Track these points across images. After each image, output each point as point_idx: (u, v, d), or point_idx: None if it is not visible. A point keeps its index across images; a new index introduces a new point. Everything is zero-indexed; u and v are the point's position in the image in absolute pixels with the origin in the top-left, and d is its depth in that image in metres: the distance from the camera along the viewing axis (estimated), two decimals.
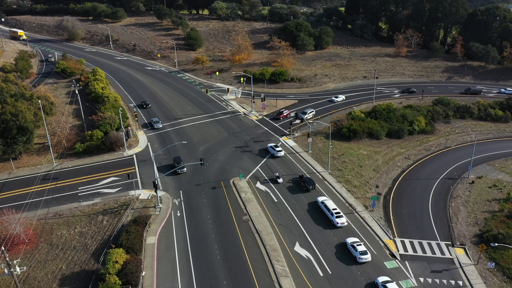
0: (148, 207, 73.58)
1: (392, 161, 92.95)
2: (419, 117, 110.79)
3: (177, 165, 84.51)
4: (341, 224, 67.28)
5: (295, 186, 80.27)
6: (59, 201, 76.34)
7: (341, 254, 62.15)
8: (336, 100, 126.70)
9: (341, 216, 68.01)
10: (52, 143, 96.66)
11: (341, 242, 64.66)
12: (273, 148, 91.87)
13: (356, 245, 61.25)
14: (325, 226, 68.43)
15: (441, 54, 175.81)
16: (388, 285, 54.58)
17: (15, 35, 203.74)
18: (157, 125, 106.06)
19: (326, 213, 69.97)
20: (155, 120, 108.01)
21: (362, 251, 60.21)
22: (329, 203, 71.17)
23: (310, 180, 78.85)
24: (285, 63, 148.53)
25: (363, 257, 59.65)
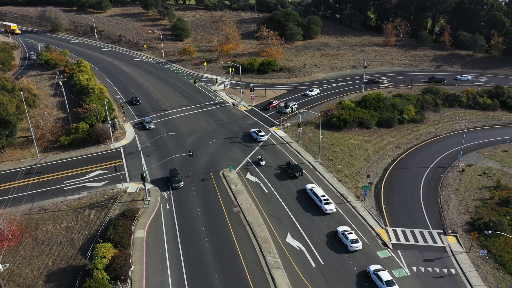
0: (136, 200, 71.99)
1: (383, 150, 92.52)
2: (408, 106, 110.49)
3: (173, 178, 75.38)
4: (329, 211, 67.37)
5: (283, 173, 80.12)
6: (44, 195, 74.29)
7: (332, 243, 61.60)
8: (311, 94, 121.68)
9: (330, 203, 68.21)
10: (36, 137, 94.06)
11: (332, 231, 64.11)
12: (256, 133, 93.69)
13: (347, 234, 61.03)
14: (314, 213, 68.46)
15: (429, 43, 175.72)
16: (380, 273, 54.27)
17: (8, 29, 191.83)
18: (149, 125, 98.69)
19: (315, 200, 70.09)
20: (147, 120, 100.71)
21: (353, 239, 60.01)
22: (317, 190, 71.32)
23: (297, 167, 79.05)
24: (274, 53, 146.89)
25: (354, 245, 59.56)
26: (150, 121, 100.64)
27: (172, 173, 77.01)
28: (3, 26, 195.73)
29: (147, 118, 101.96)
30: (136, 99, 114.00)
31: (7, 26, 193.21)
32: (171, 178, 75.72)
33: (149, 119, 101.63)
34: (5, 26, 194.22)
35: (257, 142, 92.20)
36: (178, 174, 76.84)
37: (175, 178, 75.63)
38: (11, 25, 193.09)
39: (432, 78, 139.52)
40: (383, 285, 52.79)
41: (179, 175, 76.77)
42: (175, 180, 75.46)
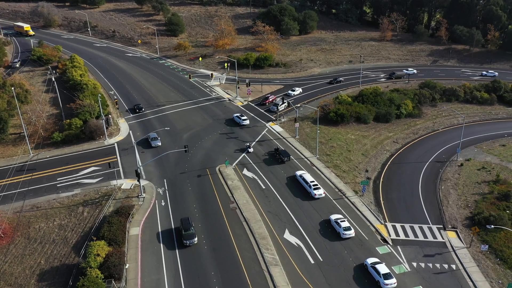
0: (131, 197, 70.62)
1: (381, 145, 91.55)
2: (406, 101, 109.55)
3: (184, 232, 58.62)
4: (318, 195, 69.35)
5: (271, 158, 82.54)
6: (36, 193, 72.78)
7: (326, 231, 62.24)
8: (293, 93, 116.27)
9: (319, 188, 70.15)
10: (29, 133, 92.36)
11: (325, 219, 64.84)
12: (239, 117, 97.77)
13: (339, 221, 61.85)
14: (303, 198, 70.08)
15: (425, 38, 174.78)
16: (377, 266, 53.75)
17: (21, 31, 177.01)
18: (155, 142, 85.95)
19: (304, 186, 71.94)
20: (153, 137, 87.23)
21: (345, 227, 60.85)
22: (307, 176, 73.13)
23: (285, 152, 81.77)
24: (270, 48, 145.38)
25: (346, 232, 60.41)
26: (156, 137, 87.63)
27: (184, 225, 59.65)
28: (16, 27, 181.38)
29: (153, 134, 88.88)
30: (139, 106, 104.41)
31: (20, 28, 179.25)
32: (182, 231, 58.98)
33: (155, 135, 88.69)
34: (19, 28, 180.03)
35: (240, 126, 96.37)
36: (191, 226, 59.44)
37: (186, 233, 58.55)
38: (24, 26, 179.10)
39: (392, 74, 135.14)
40: (381, 278, 52.20)
41: (192, 228, 59.23)
42: (187, 235, 58.39)
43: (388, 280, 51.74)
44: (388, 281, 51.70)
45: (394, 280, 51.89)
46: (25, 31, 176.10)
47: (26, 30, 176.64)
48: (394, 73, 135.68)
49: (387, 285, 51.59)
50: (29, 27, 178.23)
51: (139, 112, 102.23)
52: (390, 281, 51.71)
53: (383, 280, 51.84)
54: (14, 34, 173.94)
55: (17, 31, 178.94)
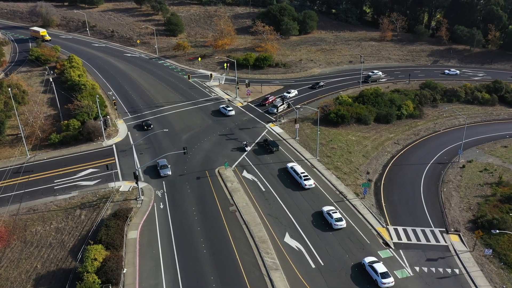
0: (129, 200, 69.66)
1: (382, 147, 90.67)
2: (407, 101, 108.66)
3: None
4: (309, 186, 71.64)
5: (261, 149, 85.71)
6: (33, 195, 71.81)
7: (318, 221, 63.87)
8: (288, 96, 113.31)
9: (309, 179, 72.42)
10: (26, 134, 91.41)
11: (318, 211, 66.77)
12: (225, 108, 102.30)
13: (331, 213, 63.46)
14: (294, 188, 72.60)
15: (426, 38, 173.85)
16: (375, 265, 53.55)
17: (37, 35, 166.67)
18: (165, 171, 75.55)
19: (295, 177, 74.24)
20: (163, 164, 76.72)
21: (337, 218, 62.43)
22: (297, 167, 75.63)
23: (273, 143, 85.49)
24: (269, 48, 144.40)
25: (338, 223, 61.92)
26: (166, 165, 76.70)
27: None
28: (32, 32, 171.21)
29: (162, 161, 77.36)
30: (148, 123, 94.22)
31: (36, 32, 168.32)
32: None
33: (165, 161, 77.59)
34: (34, 32, 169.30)
35: (226, 117, 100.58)
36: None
37: None
38: (40, 30, 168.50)
39: (368, 77, 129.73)
40: (378, 277, 52.03)
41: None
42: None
43: (385, 279, 51.78)
44: (386, 280, 51.67)
45: (391, 279, 51.92)
46: (41, 36, 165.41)
47: (42, 35, 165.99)
48: (369, 76, 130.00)
49: (385, 284, 51.62)
50: (45, 31, 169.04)
51: (148, 129, 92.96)
52: (387, 280, 51.74)
53: (381, 279, 51.82)
54: (30, 39, 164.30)
55: (33, 36, 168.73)
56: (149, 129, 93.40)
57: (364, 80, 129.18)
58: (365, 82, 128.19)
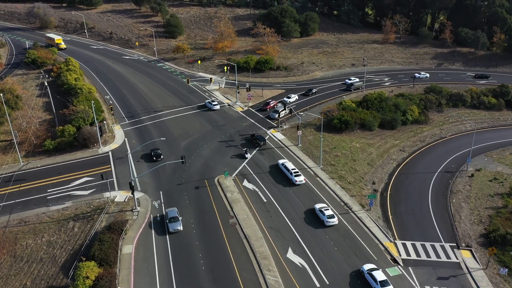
0: (124, 211, 66.73)
1: (387, 154, 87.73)
2: (412, 106, 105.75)
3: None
4: (299, 182, 72.86)
5: (248, 143, 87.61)
6: (25, 205, 68.89)
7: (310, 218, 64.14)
8: (288, 101, 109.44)
9: (299, 175, 73.76)
10: (20, 140, 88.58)
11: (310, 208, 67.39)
12: (210, 103, 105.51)
13: (324, 210, 64.07)
14: (285, 184, 73.62)
15: (429, 40, 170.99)
16: (374, 272, 52.10)
17: (51, 43, 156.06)
18: (175, 226, 61.01)
19: (286, 173, 75.45)
20: (172, 216, 62.16)
21: (329, 215, 63.14)
22: (288, 164, 76.69)
23: (260, 137, 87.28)
24: (271, 50, 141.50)
25: (330, 220, 62.67)
26: (177, 217, 62.30)
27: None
28: (47, 39, 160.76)
29: (172, 212, 63.12)
30: (157, 152, 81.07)
31: (51, 40, 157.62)
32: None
33: (175, 212, 63.07)
34: (49, 39, 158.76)
35: (212, 111, 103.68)
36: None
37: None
38: (56, 38, 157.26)
39: (350, 85, 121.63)
40: (377, 285, 50.44)
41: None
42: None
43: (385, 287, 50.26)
44: None
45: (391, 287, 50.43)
46: (56, 43, 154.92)
47: (58, 43, 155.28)
48: (352, 84, 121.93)
49: None
50: (60, 39, 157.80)
51: (157, 160, 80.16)
52: None
53: (380, 287, 50.11)
54: (45, 46, 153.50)
55: (48, 43, 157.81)
56: (158, 160, 79.98)
57: (346, 87, 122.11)
58: (347, 91, 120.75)
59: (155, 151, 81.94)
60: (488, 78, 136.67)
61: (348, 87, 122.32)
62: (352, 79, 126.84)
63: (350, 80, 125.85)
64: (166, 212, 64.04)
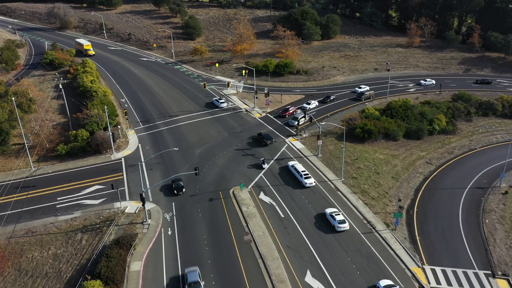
0: (134, 223, 63.66)
1: (413, 167, 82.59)
2: (439, 115, 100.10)
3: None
4: (309, 184, 71.85)
5: (255, 142, 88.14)
6: (33, 214, 66.55)
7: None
8: (308, 107, 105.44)
9: (309, 177, 72.69)
10: (33, 144, 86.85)
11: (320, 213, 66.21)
12: (217, 100, 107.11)
13: (334, 215, 62.48)
14: (294, 186, 72.79)
15: (457, 45, 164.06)
16: None
17: (80, 48, 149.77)
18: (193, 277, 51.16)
19: (296, 175, 74.51)
20: (193, 280, 50.67)
21: (340, 220, 61.54)
22: (298, 166, 75.95)
23: (267, 136, 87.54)
24: (290, 54, 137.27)
25: (341, 225, 61.16)
26: (199, 283, 50.58)
27: None
28: (77, 44, 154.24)
29: (193, 275, 51.26)
30: (179, 185, 70.44)
31: (80, 45, 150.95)
32: None
33: (196, 276, 51.38)
34: (78, 45, 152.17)
35: (219, 108, 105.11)
36: None
37: None
38: (84, 43, 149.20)
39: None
40: None
41: None
42: None
43: None
44: None
45: None
46: (84, 49, 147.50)
47: (86, 49, 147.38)
48: (362, 94, 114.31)
49: None
50: (89, 45, 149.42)
51: (178, 193, 70.18)
52: None
53: None
54: (76, 52, 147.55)
55: (77, 49, 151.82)
56: (179, 193, 70.05)
57: (356, 97, 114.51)
58: (357, 100, 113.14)
59: (177, 182, 71.08)
60: (490, 84, 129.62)
61: (358, 96, 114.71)
62: (363, 87, 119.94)
63: (360, 89, 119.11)
64: (186, 274, 51.64)
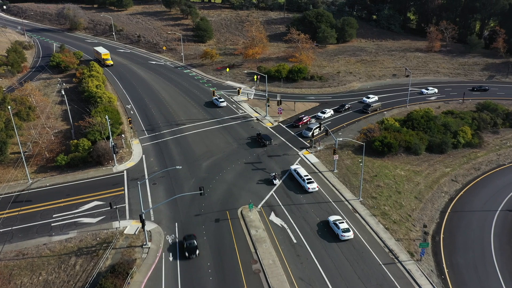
0: (133, 247, 58.45)
1: (437, 185, 76.01)
2: (464, 127, 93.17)
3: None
4: (312, 189, 70.12)
5: (253, 142, 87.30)
6: (26, 233, 61.80)
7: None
8: (323, 116, 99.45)
9: (312, 182, 70.88)
10: (33, 153, 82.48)
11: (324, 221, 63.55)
12: (217, 99, 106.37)
13: (338, 223, 60.35)
14: (296, 191, 70.52)
15: (479, 50, 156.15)
16: None
17: (99, 57, 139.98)
18: None
19: (298, 180, 72.68)
20: None
21: (344, 228, 59.46)
22: (301, 170, 73.86)
23: (266, 136, 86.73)
24: (304, 58, 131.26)
25: (345, 234, 58.97)
26: None
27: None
28: (95, 52, 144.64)
29: None
30: (192, 245, 56.84)
31: (98, 54, 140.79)
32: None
33: None
34: (97, 54, 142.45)
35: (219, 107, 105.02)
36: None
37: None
38: (102, 52, 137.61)
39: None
40: None
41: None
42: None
43: None
44: None
45: None
46: (102, 58, 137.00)
47: (104, 58, 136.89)
48: (369, 106, 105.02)
49: None
50: (107, 54, 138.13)
51: (191, 256, 55.99)
52: None
53: None
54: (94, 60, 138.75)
55: (96, 58, 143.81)
56: (192, 256, 56.00)
57: (362, 109, 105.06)
58: (363, 113, 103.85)
59: (190, 241, 57.26)
60: (487, 91, 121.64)
61: (364, 109, 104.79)
62: (371, 96, 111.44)
63: (369, 99, 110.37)
64: None
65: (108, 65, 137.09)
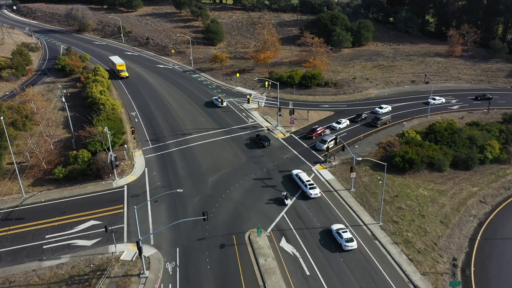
0: (129, 276, 53.11)
1: (464, 207, 69.34)
2: (491, 141, 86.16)
3: None
4: (314, 195, 67.65)
5: (252, 143, 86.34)
6: (16, 257, 56.96)
7: None
8: (338, 126, 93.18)
9: (314, 188, 68.57)
10: (31, 164, 77.93)
11: None
12: (217, 99, 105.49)
13: (341, 232, 58.01)
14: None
15: (503, 55, 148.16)
16: None
17: (113, 68, 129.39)
18: None
19: (300, 185, 70.54)
20: None
21: (347, 238, 57.07)
22: (302, 175, 71.87)
23: (265, 137, 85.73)
24: (318, 63, 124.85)
25: (348, 244, 56.63)
26: None
27: None
28: (110, 62, 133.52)
29: None
30: None
31: (113, 64, 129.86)
32: None
33: None
34: (111, 63, 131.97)
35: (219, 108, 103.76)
36: None
37: None
38: (117, 62, 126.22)
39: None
40: None
41: None
42: None
43: None
44: None
45: None
46: (117, 69, 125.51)
47: (119, 69, 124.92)
48: (379, 119, 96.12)
49: None
50: (123, 65, 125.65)
51: None
52: None
53: None
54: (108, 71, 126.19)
55: (110, 68, 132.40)
56: None
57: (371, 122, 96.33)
58: (372, 126, 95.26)
59: None
60: (491, 100, 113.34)
61: (373, 122, 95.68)
62: (384, 107, 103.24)
63: (382, 109, 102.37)
64: None
65: (123, 77, 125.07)
